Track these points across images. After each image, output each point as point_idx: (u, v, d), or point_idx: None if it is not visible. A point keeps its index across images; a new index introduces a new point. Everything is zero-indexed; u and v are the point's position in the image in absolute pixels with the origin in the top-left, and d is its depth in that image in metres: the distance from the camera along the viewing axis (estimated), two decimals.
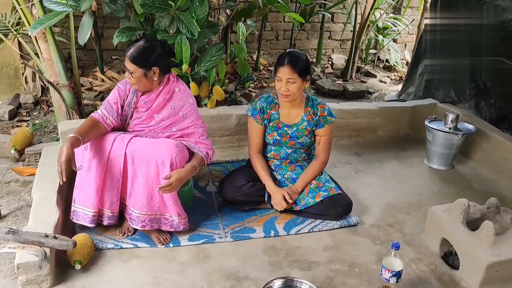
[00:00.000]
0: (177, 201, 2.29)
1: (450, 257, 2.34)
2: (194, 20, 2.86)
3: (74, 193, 2.29)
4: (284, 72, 2.41)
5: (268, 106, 2.59)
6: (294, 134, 2.60)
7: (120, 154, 2.22)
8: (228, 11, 3.60)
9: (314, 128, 2.60)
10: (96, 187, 2.23)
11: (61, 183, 2.12)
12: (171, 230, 2.34)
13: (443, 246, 2.37)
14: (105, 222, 2.31)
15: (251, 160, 2.65)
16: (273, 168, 2.69)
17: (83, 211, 2.27)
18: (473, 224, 2.32)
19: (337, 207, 2.53)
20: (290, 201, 2.50)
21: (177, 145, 2.25)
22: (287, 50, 2.53)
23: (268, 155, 2.68)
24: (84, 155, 2.23)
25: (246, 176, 2.60)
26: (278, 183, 2.63)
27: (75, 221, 2.30)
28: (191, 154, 2.38)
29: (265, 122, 2.60)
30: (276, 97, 2.60)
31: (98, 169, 2.22)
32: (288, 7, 3.53)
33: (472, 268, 2.15)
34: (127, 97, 2.38)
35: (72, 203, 2.30)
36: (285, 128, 2.60)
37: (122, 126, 2.42)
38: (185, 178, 2.26)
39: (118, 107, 2.36)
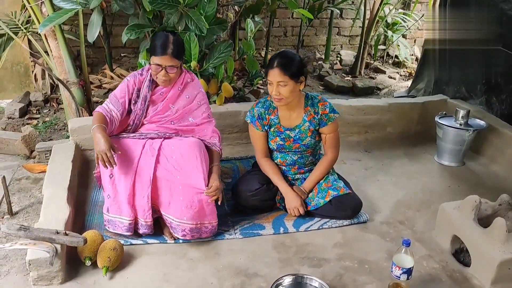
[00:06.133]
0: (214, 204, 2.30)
1: (461, 254, 2.32)
2: (202, 17, 2.86)
3: (107, 202, 2.27)
4: (274, 75, 2.31)
5: (266, 111, 2.51)
6: (297, 137, 2.52)
7: (151, 162, 2.21)
8: (236, 7, 3.59)
9: (317, 127, 2.52)
10: (127, 196, 2.21)
11: (113, 167, 2.15)
12: (210, 235, 2.33)
13: (454, 243, 2.35)
14: (141, 231, 2.28)
15: (260, 166, 2.59)
16: (282, 172, 2.64)
17: (119, 220, 2.25)
18: (484, 221, 2.29)
19: (346, 209, 2.49)
20: (303, 211, 2.47)
21: (201, 149, 2.29)
22: (279, 51, 2.44)
23: (275, 162, 2.62)
24: None
25: (259, 179, 2.52)
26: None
27: (111, 230, 2.28)
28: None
29: (266, 128, 2.53)
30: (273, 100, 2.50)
31: (128, 177, 2.20)
32: (296, 3, 3.51)
33: (484, 265, 2.12)
34: (136, 90, 2.38)
35: (105, 213, 2.29)
36: (287, 132, 2.52)
37: (139, 122, 2.42)
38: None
39: (125, 100, 2.36)
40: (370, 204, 2.72)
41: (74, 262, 2.12)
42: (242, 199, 2.50)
